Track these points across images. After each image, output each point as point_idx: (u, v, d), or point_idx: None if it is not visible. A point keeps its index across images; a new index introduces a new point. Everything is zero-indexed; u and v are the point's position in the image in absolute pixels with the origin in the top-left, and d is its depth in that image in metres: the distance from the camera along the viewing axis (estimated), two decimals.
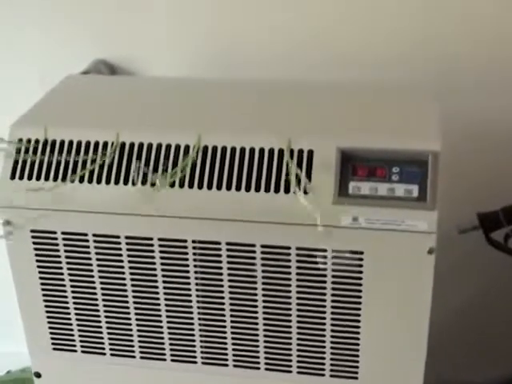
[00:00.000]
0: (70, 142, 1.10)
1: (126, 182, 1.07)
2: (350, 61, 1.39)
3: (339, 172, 1.02)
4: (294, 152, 1.04)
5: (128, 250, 1.09)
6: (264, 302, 1.09)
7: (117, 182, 1.07)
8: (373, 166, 1.02)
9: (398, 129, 1.06)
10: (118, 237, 1.09)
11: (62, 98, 1.21)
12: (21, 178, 1.10)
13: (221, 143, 1.06)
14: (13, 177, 1.10)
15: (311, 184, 1.02)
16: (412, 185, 1.01)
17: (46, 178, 1.09)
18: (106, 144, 1.08)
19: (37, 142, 1.10)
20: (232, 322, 1.11)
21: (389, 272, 1.03)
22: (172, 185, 1.05)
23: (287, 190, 1.03)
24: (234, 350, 1.13)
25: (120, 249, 1.09)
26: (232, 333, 1.12)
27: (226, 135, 1.06)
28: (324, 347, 1.10)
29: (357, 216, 1.01)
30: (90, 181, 1.08)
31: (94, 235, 1.09)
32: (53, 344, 1.19)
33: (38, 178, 1.09)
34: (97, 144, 1.09)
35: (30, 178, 1.09)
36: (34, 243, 1.12)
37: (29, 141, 1.11)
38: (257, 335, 1.11)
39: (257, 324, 1.11)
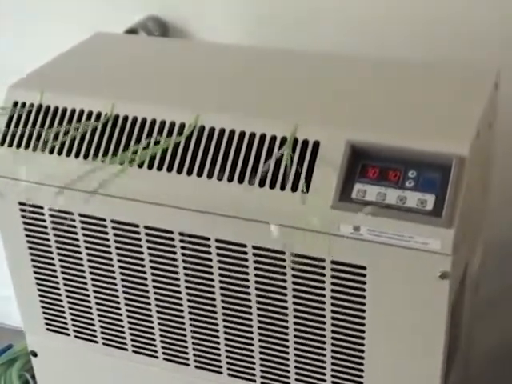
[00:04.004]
0: (64, 110, 0.99)
1: (113, 160, 0.95)
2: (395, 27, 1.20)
3: (345, 170, 0.86)
4: (298, 142, 0.88)
5: (115, 235, 0.98)
6: (258, 309, 0.95)
7: (104, 159, 0.95)
8: (385, 166, 0.85)
9: (423, 124, 0.88)
10: (104, 220, 0.98)
11: (75, 59, 1.10)
12: (10, 145, 1.00)
13: (219, 124, 0.92)
14: (2, 143, 1.01)
15: (312, 182, 0.87)
16: (428, 194, 0.83)
17: (34, 149, 0.99)
18: (99, 115, 0.97)
19: (31, 106, 1.00)
20: (224, 326, 0.98)
21: (396, 294, 0.87)
22: (159, 168, 0.93)
23: (284, 187, 0.88)
24: (227, 357, 1.00)
25: (107, 233, 0.98)
26: (225, 339, 0.99)
27: (226, 116, 0.92)
28: (324, 368, 0.95)
29: (358, 225, 0.85)
30: (77, 155, 0.97)
31: (80, 215, 0.99)
32: (46, 324, 1.11)
33: (27, 147, 0.99)
34: (90, 114, 0.97)
35: (18, 146, 1.00)
36: (23, 217, 1.03)
37: (23, 105, 1.01)
38: (252, 344, 0.98)
39: (251, 333, 0.97)
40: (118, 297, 1.03)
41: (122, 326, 1.05)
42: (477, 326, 1.22)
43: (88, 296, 1.05)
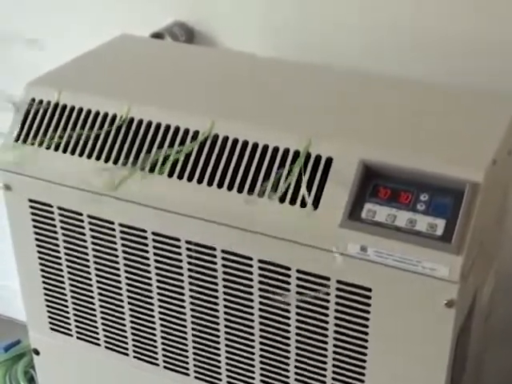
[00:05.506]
0: (80, 110, 0.98)
1: (125, 163, 0.94)
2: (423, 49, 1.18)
3: (356, 189, 0.84)
4: (311, 157, 0.87)
5: (122, 238, 0.97)
6: (261, 324, 0.94)
7: (116, 162, 0.95)
8: (397, 188, 0.84)
9: (439, 147, 0.86)
10: (112, 222, 0.97)
11: (96, 60, 1.09)
12: (24, 141, 1.00)
13: (233, 134, 0.91)
14: (17, 139, 1.00)
15: (322, 198, 0.85)
16: (438, 219, 0.81)
17: (48, 146, 0.99)
18: (114, 117, 0.96)
19: (48, 104, 1.00)
20: (226, 339, 0.97)
21: (400, 319, 0.85)
22: (170, 174, 0.92)
23: (293, 201, 0.86)
24: (227, 370, 0.99)
25: (114, 236, 0.98)
26: (226, 351, 0.98)
27: (240, 126, 0.91)
28: None
29: (366, 246, 0.83)
30: (90, 156, 0.96)
31: (89, 216, 0.98)
32: (50, 324, 1.10)
33: (41, 145, 0.99)
34: (105, 115, 0.97)
35: (33, 142, 1.00)
36: (32, 214, 1.02)
37: (41, 102, 1.00)
38: (252, 359, 0.97)
39: (253, 347, 0.96)
40: (122, 301, 1.02)
41: (125, 331, 1.04)
42: (488, 354, 1.20)
43: (93, 298, 1.04)
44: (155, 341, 1.02)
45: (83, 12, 1.43)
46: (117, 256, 0.99)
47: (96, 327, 1.06)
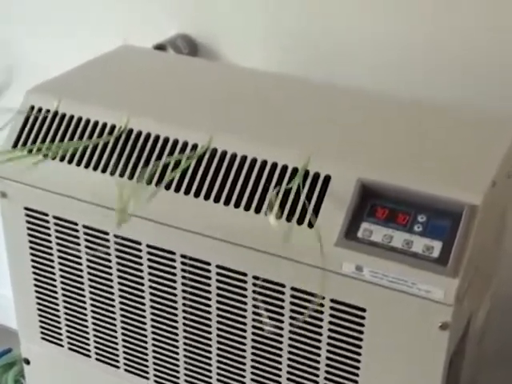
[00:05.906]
0: (79, 119, 0.98)
1: (122, 174, 0.94)
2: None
3: (353, 208, 0.83)
4: (309, 174, 0.86)
5: (117, 250, 0.97)
6: (253, 341, 0.93)
7: (113, 173, 0.94)
8: (395, 208, 0.83)
9: (438, 169, 0.86)
10: (107, 233, 0.96)
11: (96, 69, 1.09)
12: (22, 148, 1.00)
13: (231, 149, 0.90)
14: (15, 146, 1.00)
15: (318, 216, 0.85)
16: (435, 241, 0.81)
17: (46, 155, 0.98)
18: (113, 127, 0.96)
19: (47, 112, 1.00)
20: (218, 355, 0.96)
21: (394, 340, 0.84)
22: (167, 187, 0.91)
23: (290, 219, 0.86)
24: None
25: (108, 247, 0.97)
26: (217, 367, 0.97)
27: (239, 141, 0.91)
28: None
29: (361, 265, 0.82)
30: (87, 165, 0.96)
31: (84, 226, 0.98)
32: (41, 333, 1.09)
33: (38, 153, 0.99)
34: (104, 125, 0.96)
35: (30, 150, 0.99)
36: (28, 222, 1.02)
37: (40, 110, 1.00)
38: (243, 376, 0.96)
39: (244, 364, 0.95)
40: (114, 313, 1.01)
41: (116, 343, 1.03)
42: (482, 376, 1.19)
43: (85, 309, 1.03)
44: (146, 354, 1.02)
45: (84, 22, 1.43)
46: (110, 267, 0.98)
47: (87, 338, 1.06)
